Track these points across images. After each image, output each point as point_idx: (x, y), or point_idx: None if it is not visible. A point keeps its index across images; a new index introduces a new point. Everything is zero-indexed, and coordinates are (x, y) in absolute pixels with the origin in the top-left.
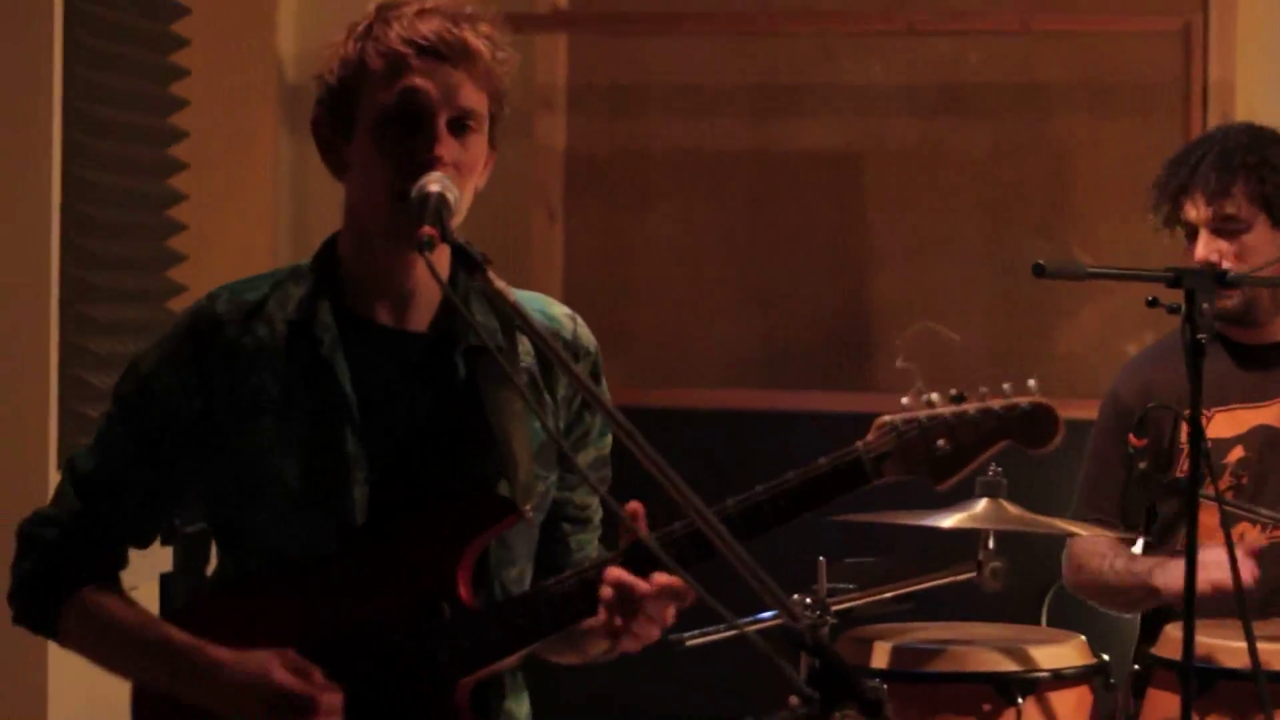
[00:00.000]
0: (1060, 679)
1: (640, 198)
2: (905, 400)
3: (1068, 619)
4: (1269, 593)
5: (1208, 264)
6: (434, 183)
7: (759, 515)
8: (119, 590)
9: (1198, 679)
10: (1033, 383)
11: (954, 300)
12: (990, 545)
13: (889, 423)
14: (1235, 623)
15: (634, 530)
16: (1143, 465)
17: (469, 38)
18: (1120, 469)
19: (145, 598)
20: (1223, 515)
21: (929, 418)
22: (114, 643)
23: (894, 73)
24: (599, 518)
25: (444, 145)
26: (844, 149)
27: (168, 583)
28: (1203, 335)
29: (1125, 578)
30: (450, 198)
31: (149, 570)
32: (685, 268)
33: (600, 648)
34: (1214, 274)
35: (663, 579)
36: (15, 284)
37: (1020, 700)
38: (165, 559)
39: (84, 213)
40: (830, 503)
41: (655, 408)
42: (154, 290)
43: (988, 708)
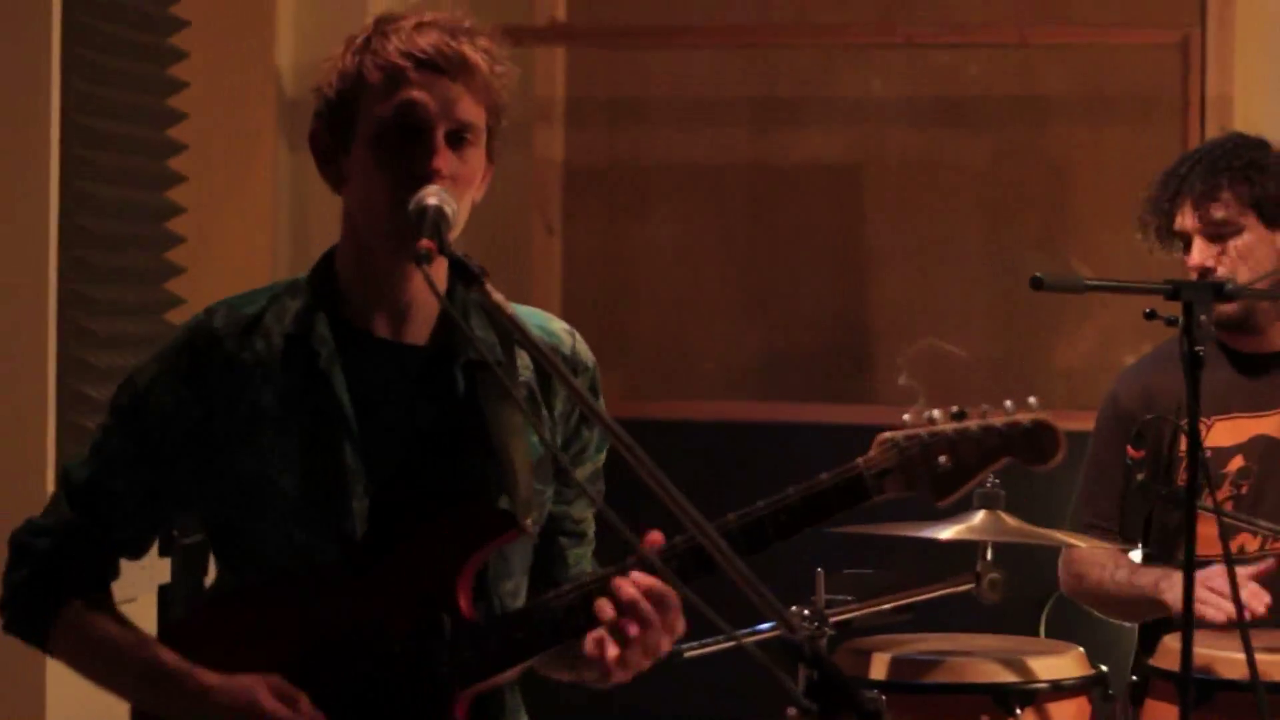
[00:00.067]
0: (1059, 690)
1: (639, 210)
2: (907, 417)
3: (1066, 630)
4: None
5: (1202, 270)
6: (432, 195)
7: (760, 531)
8: (111, 605)
9: (1196, 690)
10: (1034, 400)
11: (953, 311)
12: (989, 556)
13: (890, 439)
14: (1234, 633)
15: (634, 543)
16: (1141, 476)
17: (467, 51)
18: (1118, 472)
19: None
20: (1221, 527)
21: (931, 434)
22: (105, 660)
23: (893, 85)
24: (593, 532)
25: (442, 158)
26: (843, 161)
27: (166, 594)
28: (1200, 348)
29: (1128, 590)
30: (448, 210)
31: (147, 582)
32: (684, 279)
33: (593, 671)
34: (1212, 286)
35: (649, 580)
36: (13, 296)
37: (1019, 711)
38: (163, 570)
39: (82, 225)
40: (830, 518)
41: (654, 419)
42: (152, 302)
43: (986, 719)
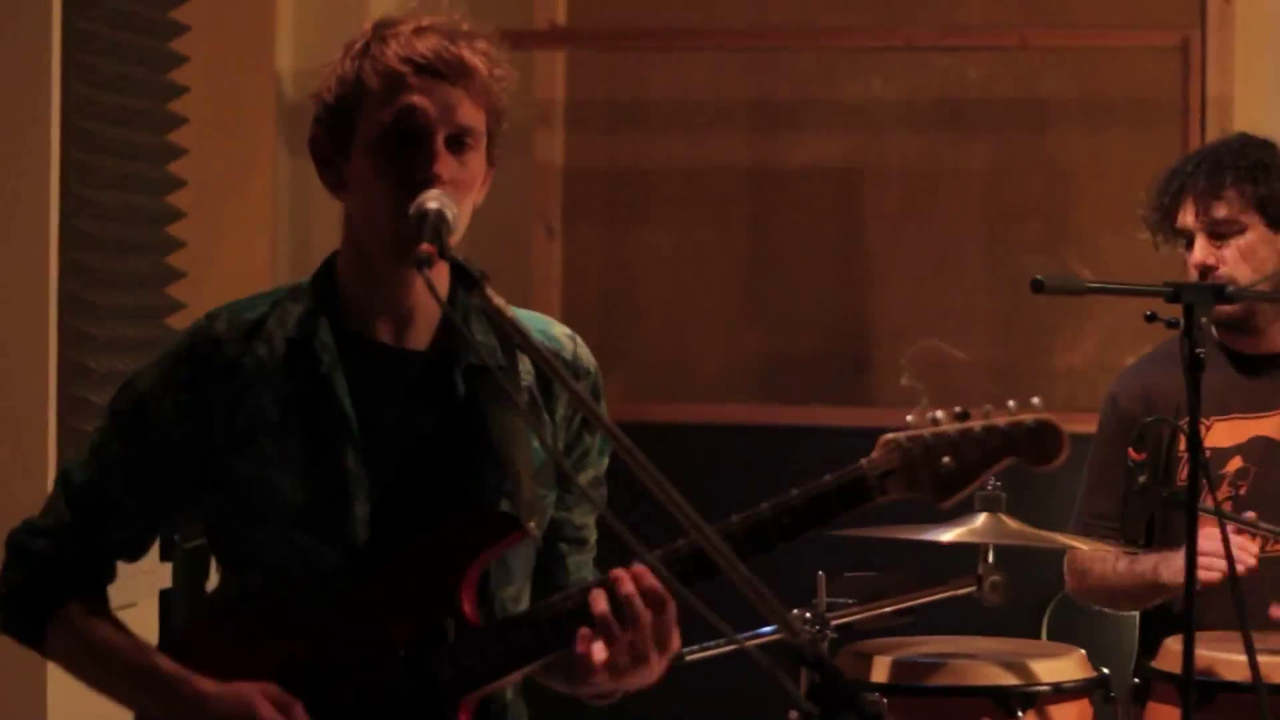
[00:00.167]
0: (1060, 692)
1: (640, 213)
2: (910, 418)
3: (1068, 632)
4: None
5: (1203, 268)
6: (432, 199)
7: (764, 533)
8: (107, 610)
9: (1198, 692)
10: (1037, 400)
11: (954, 314)
12: (990, 559)
13: (893, 440)
14: (1235, 635)
15: (637, 548)
16: (1142, 479)
17: (466, 55)
18: (1118, 474)
19: (144, 614)
20: (1222, 528)
21: (934, 435)
22: (101, 664)
23: (893, 88)
24: (594, 540)
25: (442, 163)
26: (844, 164)
27: (167, 599)
28: (1201, 350)
29: (1129, 578)
30: (448, 215)
31: (148, 586)
32: (685, 283)
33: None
34: (1213, 289)
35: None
36: (14, 300)
37: (1020, 714)
38: (164, 575)
39: (83, 230)
40: (834, 520)
41: (655, 423)
42: (153, 307)
43: None
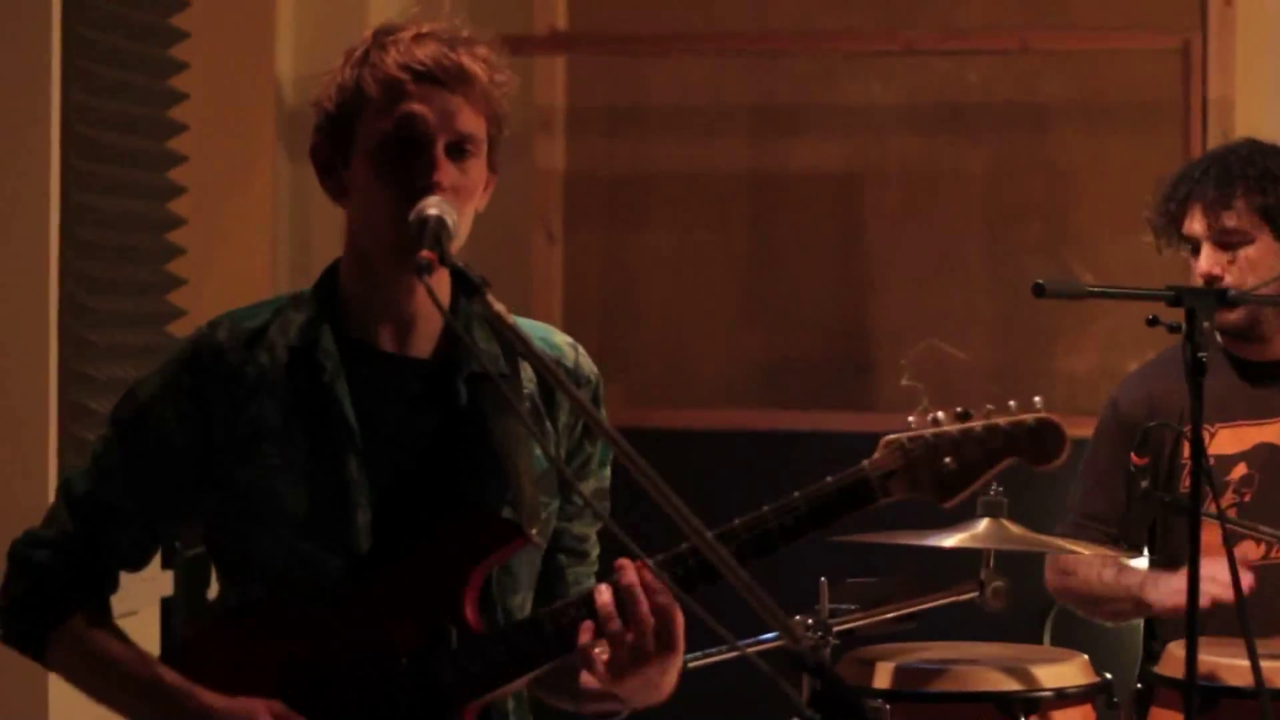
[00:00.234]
0: (1063, 698)
1: (640, 219)
2: (911, 419)
3: (1070, 638)
4: (1272, 612)
5: (1209, 277)
6: (432, 206)
7: (767, 536)
8: (110, 621)
9: (1201, 697)
10: (1038, 400)
11: (955, 318)
12: (992, 565)
13: (895, 441)
14: (1238, 641)
15: (639, 555)
16: (1144, 484)
17: (466, 62)
18: (1116, 477)
19: (146, 622)
20: (1225, 534)
21: (935, 435)
22: (104, 676)
23: (894, 92)
24: (596, 553)
25: (442, 170)
26: (844, 168)
27: (168, 607)
28: (1203, 354)
29: (1115, 588)
30: (448, 221)
31: (150, 595)
32: (685, 288)
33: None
34: (1215, 293)
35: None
36: (14, 307)
37: (1023, 719)
38: (166, 583)
39: (83, 237)
40: (837, 522)
41: (656, 428)
42: (153, 314)
43: None
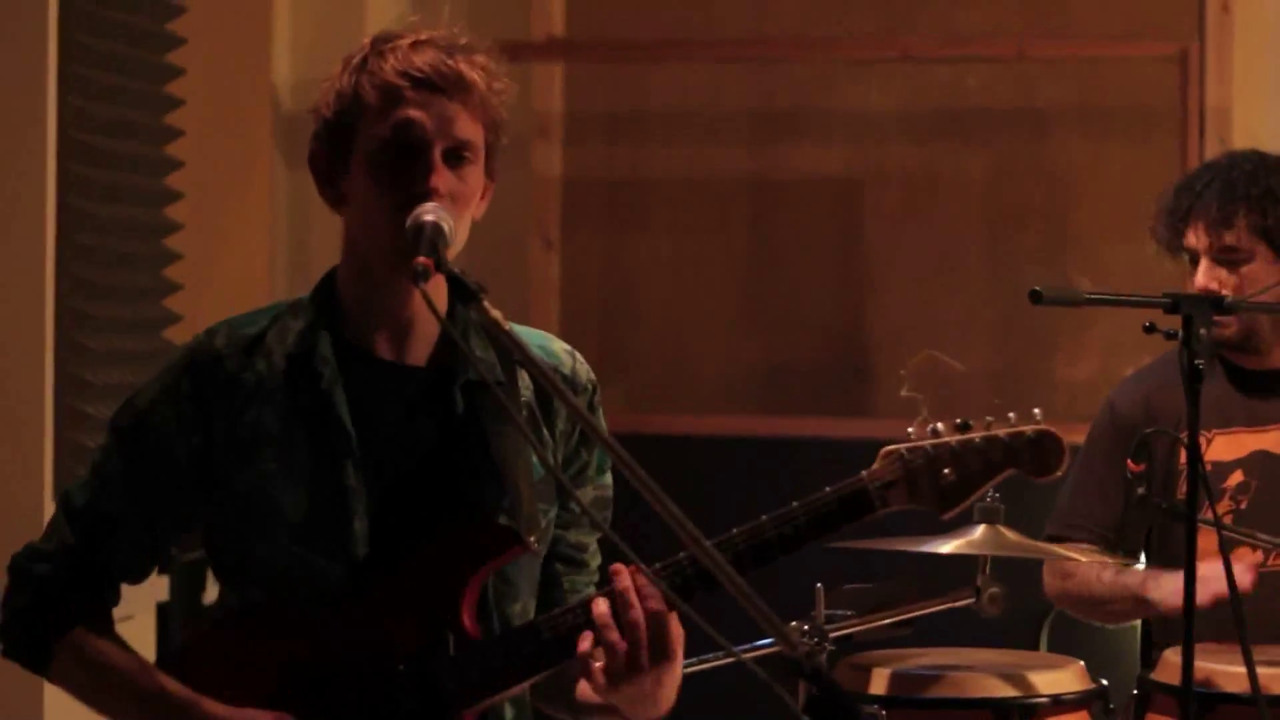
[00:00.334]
0: (1059, 704)
1: (638, 225)
2: (911, 429)
3: (1067, 644)
4: (1268, 619)
5: (1207, 292)
6: (429, 213)
7: (766, 546)
8: (113, 632)
9: (1197, 704)
10: (1038, 411)
11: (954, 325)
12: (988, 571)
13: (895, 451)
14: (1235, 647)
15: (637, 562)
16: (1141, 491)
17: (464, 69)
18: (1109, 479)
19: (141, 627)
20: (1221, 540)
21: (935, 446)
22: (108, 689)
23: (892, 98)
24: (596, 563)
25: (439, 177)
26: (843, 174)
27: (164, 612)
28: (1200, 361)
29: (1115, 588)
30: (445, 227)
31: (145, 600)
32: (684, 294)
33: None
34: (1212, 300)
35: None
36: (11, 313)
37: None
38: (162, 588)
39: (80, 242)
40: (835, 532)
41: (655, 434)
42: (150, 319)
43: None
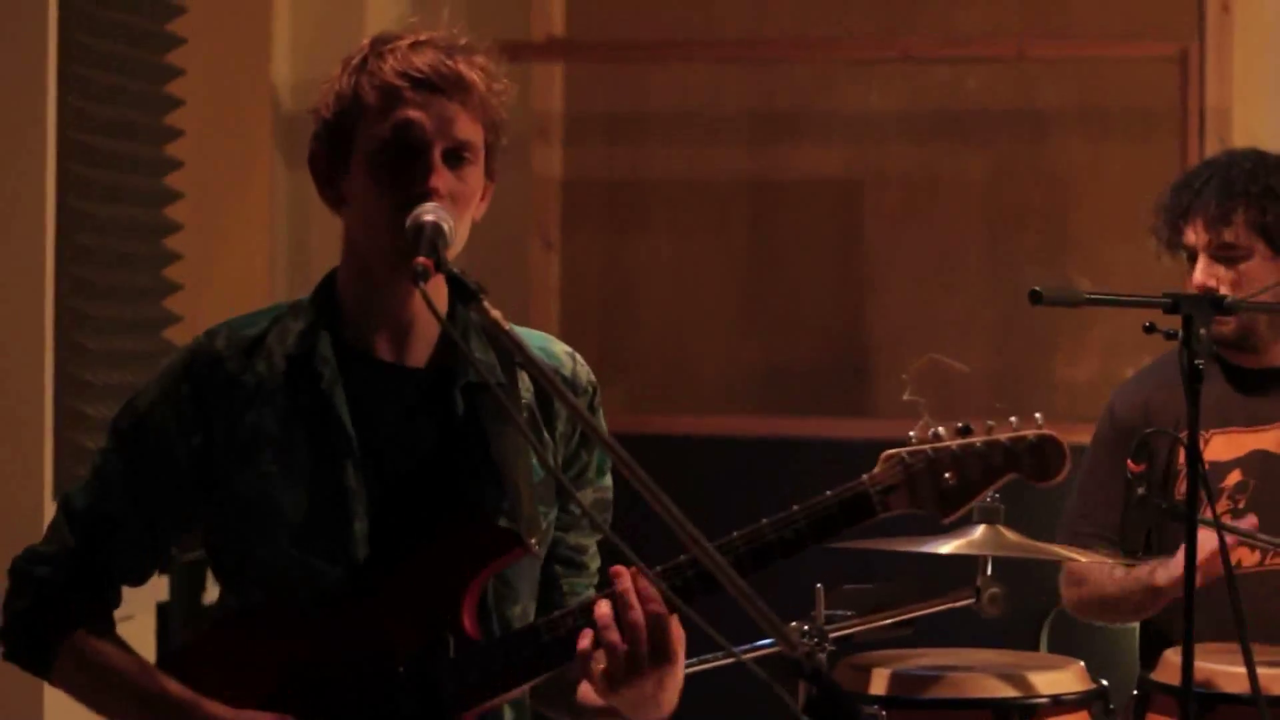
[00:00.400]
0: (1060, 705)
1: (638, 225)
2: (912, 433)
3: (1067, 645)
4: (1268, 620)
5: (1205, 290)
6: (428, 213)
7: (766, 550)
8: (114, 634)
9: (1197, 704)
10: (1039, 416)
11: (953, 325)
12: (988, 571)
13: (896, 456)
14: (1235, 647)
15: (638, 564)
16: (1141, 491)
17: (464, 69)
18: (1112, 484)
19: (141, 627)
20: (1220, 540)
21: (936, 450)
22: (109, 691)
23: (892, 99)
24: (596, 565)
25: (439, 177)
26: (843, 175)
27: (164, 612)
28: (1200, 361)
29: (1127, 584)
30: (445, 227)
31: (145, 600)
32: (684, 295)
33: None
34: (1211, 299)
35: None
36: (11, 314)
37: None
38: (161, 588)
39: (79, 243)
40: (836, 535)
41: (655, 434)
42: (150, 320)
43: None
